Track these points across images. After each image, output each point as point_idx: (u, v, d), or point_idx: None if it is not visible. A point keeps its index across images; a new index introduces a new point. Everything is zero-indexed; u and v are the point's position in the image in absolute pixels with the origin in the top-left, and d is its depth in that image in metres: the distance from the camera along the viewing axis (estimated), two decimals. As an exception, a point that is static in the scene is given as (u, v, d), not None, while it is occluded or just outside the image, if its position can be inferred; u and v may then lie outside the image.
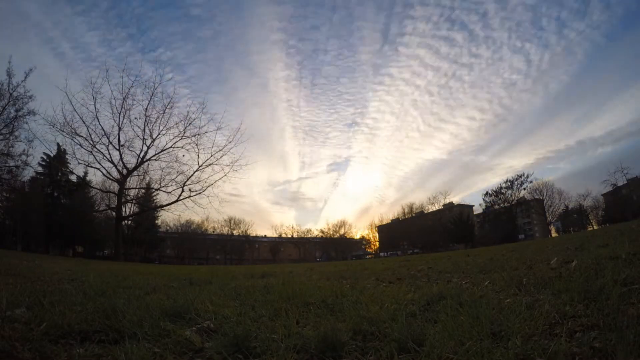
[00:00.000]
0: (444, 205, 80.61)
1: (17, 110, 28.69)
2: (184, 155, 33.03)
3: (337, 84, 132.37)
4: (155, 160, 33.40)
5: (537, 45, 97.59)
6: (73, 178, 46.70)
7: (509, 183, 67.17)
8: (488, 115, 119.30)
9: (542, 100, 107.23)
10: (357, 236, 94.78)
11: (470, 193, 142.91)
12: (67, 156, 39.95)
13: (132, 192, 39.23)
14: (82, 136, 29.93)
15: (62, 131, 28.98)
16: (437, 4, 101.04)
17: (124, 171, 32.79)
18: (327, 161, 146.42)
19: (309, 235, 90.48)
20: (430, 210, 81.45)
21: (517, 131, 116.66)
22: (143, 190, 42.22)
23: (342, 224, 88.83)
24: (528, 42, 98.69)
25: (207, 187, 33.12)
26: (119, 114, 31.18)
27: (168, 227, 70.94)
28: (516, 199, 66.90)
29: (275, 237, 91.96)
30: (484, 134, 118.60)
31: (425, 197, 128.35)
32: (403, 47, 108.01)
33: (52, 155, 44.73)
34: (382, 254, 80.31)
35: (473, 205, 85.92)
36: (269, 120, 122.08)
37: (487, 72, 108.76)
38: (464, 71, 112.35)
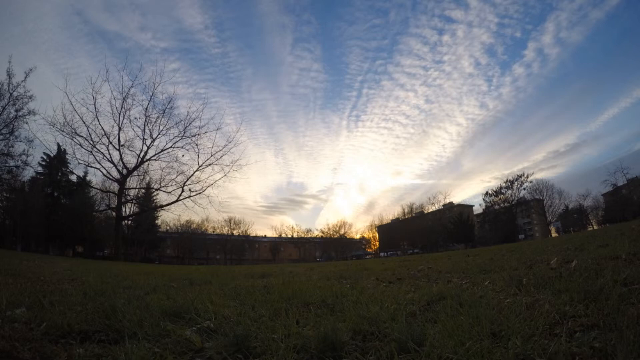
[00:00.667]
0: (444, 205, 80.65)
1: (17, 110, 28.81)
2: (183, 155, 33.15)
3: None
4: (155, 160, 33.55)
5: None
6: (73, 178, 46.91)
7: (509, 183, 67.25)
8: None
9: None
10: (357, 236, 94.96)
11: (470, 193, 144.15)
12: (67, 156, 40.15)
13: (132, 192, 39.37)
14: (82, 136, 30.08)
15: (62, 131, 29.13)
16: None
17: (124, 171, 32.84)
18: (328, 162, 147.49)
19: (309, 235, 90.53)
20: (430, 210, 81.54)
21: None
22: (143, 190, 42.34)
23: (342, 224, 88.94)
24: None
25: (207, 187, 33.23)
26: (119, 114, 31.32)
27: (168, 227, 71.03)
28: (516, 199, 66.91)
29: (275, 237, 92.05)
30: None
31: (425, 197, 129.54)
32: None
33: (52, 155, 44.85)
34: (382, 254, 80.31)
35: (473, 205, 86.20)
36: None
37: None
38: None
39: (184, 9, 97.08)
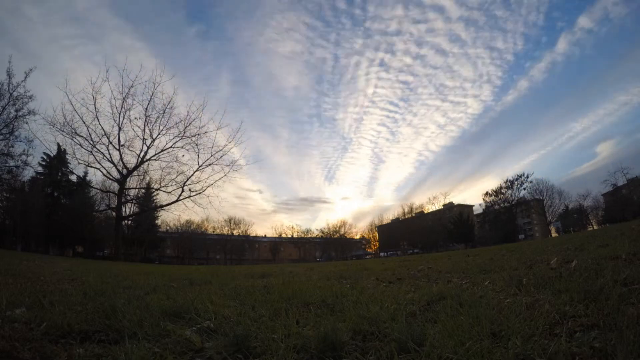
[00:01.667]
0: (444, 205, 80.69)
1: (17, 110, 28.74)
2: (183, 155, 33.12)
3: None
4: (155, 160, 33.49)
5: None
6: (73, 178, 46.89)
7: (509, 183, 67.25)
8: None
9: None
10: (357, 236, 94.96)
11: (470, 193, 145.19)
12: (67, 156, 40.07)
13: (132, 192, 39.32)
14: (82, 136, 30.04)
15: (62, 131, 29.08)
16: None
17: (124, 171, 32.81)
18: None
19: (309, 235, 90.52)
20: (430, 210, 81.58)
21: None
22: (143, 190, 42.29)
23: (342, 224, 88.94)
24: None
25: (207, 187, 33.22)
26: (119, 114, 31.26)
27: (168, 227, 70.99)
28: (516, 199, 66.92)
29: (275, 237, 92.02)
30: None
31: (425, 197, 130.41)
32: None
33: (52, 155, 44.82)
34: (382, 254, 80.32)
35: (473, 205, 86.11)
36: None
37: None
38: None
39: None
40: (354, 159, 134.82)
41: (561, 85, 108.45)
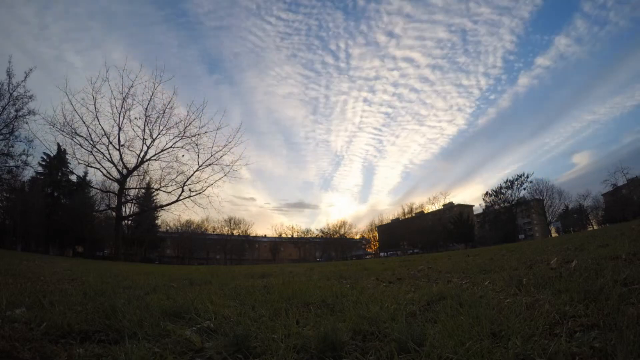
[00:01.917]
0: (444, 205, 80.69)
1: (17, 110, 28.77)
2: (183, 155, 33.10)
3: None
4: (155, 160, 33.46)
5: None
6: (73, 178, 46.91)
7: (509, 183, 67.27)
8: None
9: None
10: (357, 236, 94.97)
11: (470, 193, 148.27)
12: (67, 156, 40.07)
13: (132, 192, 39.28)
14: (82, 136, 30.00)
15: (62, 131, 29.04)
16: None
17: (124, 171, 32.79)
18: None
19: (309, 235, 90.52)
20: (430, 210, 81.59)
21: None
22: (143, 190, 42.26)
23: (342, 224, 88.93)
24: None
25: (207, 187, 33.20)
26: (119, 114, 31.23)
27: (168, 227, 71.01)
28: (516, 199, 66.92)
29: (275, 237, 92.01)
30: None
31: (425, 197, 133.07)
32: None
33: (52, 155, 44.83)
34: (382, 254, 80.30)
35: (473, 205, 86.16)
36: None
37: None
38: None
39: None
40: (347, 172, 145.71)
41: (526, 111, 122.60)
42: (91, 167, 32.44)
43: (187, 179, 33.29)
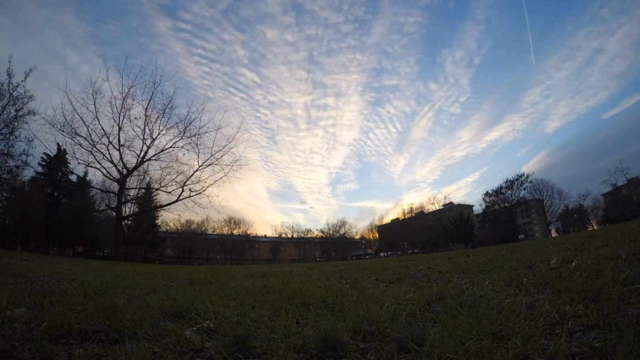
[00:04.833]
0: (444, 205, 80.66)
1: (17, 110, 28.71)
2: (184, 155, 33.15)
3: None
4: (155, 160, 33.41)
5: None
6: (73, 178, 46.91)
7: (509, 183, 67.25)
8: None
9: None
10: (357, 236, 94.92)
11: (471, 193, 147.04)
12: (67, 156, 40.07)
13: (132, 192, 39.23)
14: (82, 136, 29.92)
15: (62, 131, 28.98)
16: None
17: (124, 171, 32.75)
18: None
19: (309, 235, 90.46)
20: (430, 210, 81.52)
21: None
22: (143, 190, 42.25)
23: (342, 224, 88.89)
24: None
25: (207, 187, 33.17)
26: (119, 114, 31.19)
27: (168, 227, 70.95)
28: (516, 199, 66.92)
29: (275, 237, 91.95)
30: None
31: (425, 197, 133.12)
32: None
33: (52, 155, 44.85)
34: (382, 254, 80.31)
35: (473, 205, 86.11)
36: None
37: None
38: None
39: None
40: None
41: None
42: (91, 167, 32.40)
43: (187, 179, 33.30)
